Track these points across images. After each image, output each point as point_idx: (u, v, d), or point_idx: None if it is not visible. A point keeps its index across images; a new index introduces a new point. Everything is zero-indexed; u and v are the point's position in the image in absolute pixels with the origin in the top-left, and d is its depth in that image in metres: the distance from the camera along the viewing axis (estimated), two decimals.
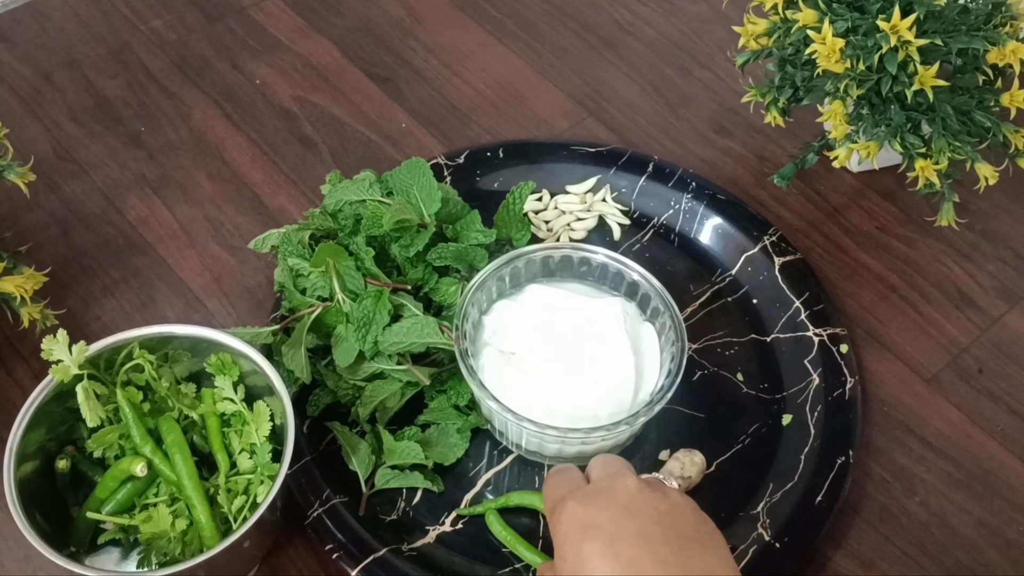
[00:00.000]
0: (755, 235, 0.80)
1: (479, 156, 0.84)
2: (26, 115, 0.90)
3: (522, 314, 0.69)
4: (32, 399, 0.61)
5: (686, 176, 0.83)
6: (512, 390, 0.66)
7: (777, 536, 0.66)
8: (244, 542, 0.58)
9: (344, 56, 0.96)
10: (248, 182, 0.86)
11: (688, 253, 0.81)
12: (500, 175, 0.84)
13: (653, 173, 0.84)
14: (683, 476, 0.67)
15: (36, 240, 0.81)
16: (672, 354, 0.68)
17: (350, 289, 0.68)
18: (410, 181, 0.72)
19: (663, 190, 0.83)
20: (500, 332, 0.69)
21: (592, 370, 0.67)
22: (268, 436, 0.64)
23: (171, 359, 0.66)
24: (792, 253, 0.79)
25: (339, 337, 0.67)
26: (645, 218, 0.83)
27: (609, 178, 0.84)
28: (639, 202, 0.84)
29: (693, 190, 0.83)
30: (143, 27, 0.98)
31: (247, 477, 0.63)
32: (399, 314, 0.68)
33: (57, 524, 0.62)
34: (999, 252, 0.84)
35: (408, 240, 0.70)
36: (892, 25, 0.68)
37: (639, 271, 0.71)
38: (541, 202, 0.84)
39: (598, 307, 0.69)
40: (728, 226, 0.81)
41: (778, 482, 0.69)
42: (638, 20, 1.01)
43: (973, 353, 0.78)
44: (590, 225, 0.82)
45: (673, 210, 0.83)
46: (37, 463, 0.62)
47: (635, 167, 0.84)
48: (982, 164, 0.74)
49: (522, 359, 0.67)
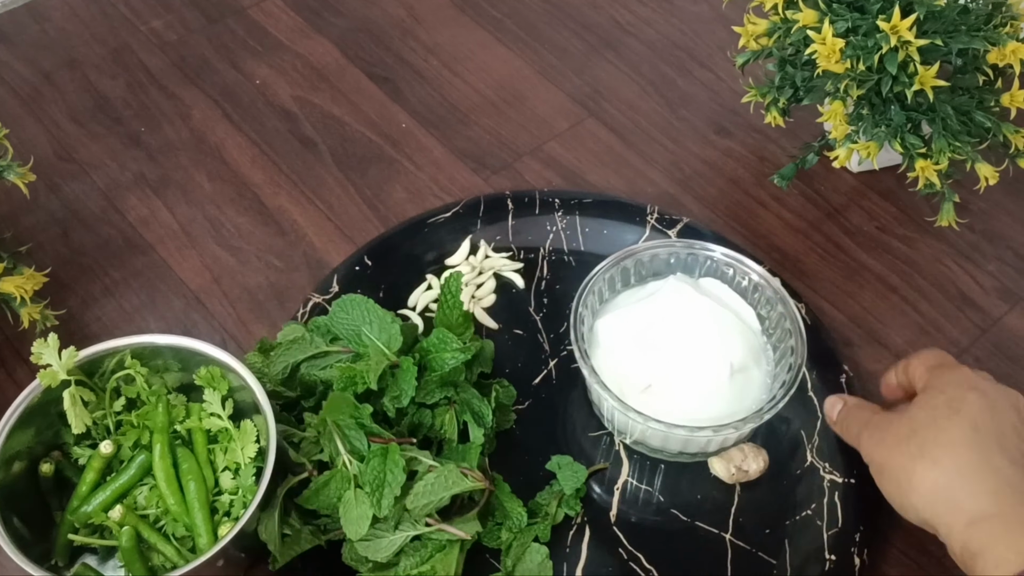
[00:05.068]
0: (637, 220, 0.81)
1: (349, 275, 0.77)
2: (26, 115, 0.90)
3: (633, 317, 0.70)
4: (18, 403, 0.61)
5: (545, 196, 0.82)
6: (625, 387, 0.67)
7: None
8: (217, 561, 0.57)
9: (344, 56, 0.96)
10: (248, 182, 0.86)
11: (588, 264, 0.73)
12: (380, 285, 0.77)
13: (515, 208, 0.81)
14: (741, 468, 0.68)
15: (36, 240, 0.81)
16: (789, 364, 0.68)
17: (356, 449, 0.62)
18: (355, 321, 0.67)
19: (533, 219, 0.81)
20: (613, 336, 0.69)
21: (694, 372, 0.67)
22: (253, 457, 0.63)
23: (162, 369, 0.66)
24: (680, 222, 0.80)
25: (348, 504, 0.60)
26: (532, 252, 0.80)
27: (479, 233, 0.80)
28: (519, 241, 0.81)
29: (560, 206, 0.82)
30: (143, 27, 0.98)
31: (230, 497, 0.63)
32: (413, 469, 0.62)
33: (39, 528, 0.61)
34: (999, 252, 0.84)
35: (396, 390, 0.64)
36: (892, 25, 0.68)
37: (759, 271, 0.72)
38: (432, 290, 0.78)
39: (704, 309, 0.69)
40: (609, 222, 0.81)
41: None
42: (638, 20, 1.01)
43: (973, 353, 0.78)
44: (492, 286, 0.78)
45: (553, 232, 0.81)
46: (22, 466, 0.62)
47: (495, 210, 0.82)
48: (982, 164, 0.74)
49: (638, 363, 0.68)
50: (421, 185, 0.86)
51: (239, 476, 0.63)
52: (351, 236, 0.82)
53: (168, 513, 0.62)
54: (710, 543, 0.67)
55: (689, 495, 0.69)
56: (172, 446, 0.63)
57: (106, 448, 0.63)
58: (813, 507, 0.68)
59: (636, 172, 0.88)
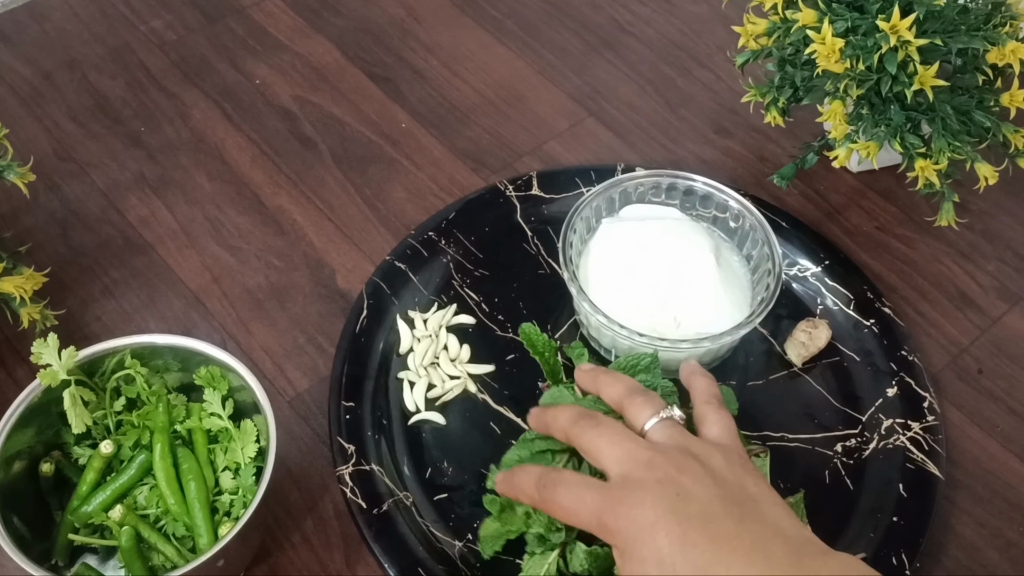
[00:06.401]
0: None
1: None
2: (26, 115, 0.90)
3: (621, 238, 0.73)
4: (18, 403, 0.61)
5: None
6: (605, 295, 0.71)
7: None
8: (218, 561, 0.57)
9: (344, 56, 0.96)
10: (248, 182, 0.86)
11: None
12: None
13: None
14: (807, 346, 0.73)
15: (36, 240, 0.81)
16: (762, 297, 0.70)
17: None
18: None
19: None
20: (606, 246, 0.73)
21: (678, 292, 0.71)
22: (253, 457, 0.63)
23: (162, 368, 0.66)
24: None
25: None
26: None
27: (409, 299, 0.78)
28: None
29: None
30: (143, 27, 0.98)
31: (230, 497, 0.63)
32: None
33: (39, 528, 0.61)
34: (999, 252, 0.84)
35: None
36: (892, 25, 0.68)
37: (739, 200, 0.75)
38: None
39: (694, 236, 0.73)
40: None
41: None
42: (638, 20, 1.01)
43: (973, 353, 0.78)
44: (454, 340, 0.76)
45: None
46: (22, 466, 0.62)
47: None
48: (982, 164, 0.74)
49: (618, 270, 0.71)
50: (421, 185, 0.86)
51: (239, 476, 0.63)
52: (351, 236, 0.82)
53: (168, 513, 0.62)
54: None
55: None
56: (172, 446, 0.63)
57: (106, 448, 0.63)
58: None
59: None
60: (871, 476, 0.69)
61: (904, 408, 0.72)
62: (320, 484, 0.69)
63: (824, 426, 0.72)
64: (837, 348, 0.76)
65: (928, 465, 0.69)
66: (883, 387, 0.73)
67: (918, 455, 0.70)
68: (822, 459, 0.70)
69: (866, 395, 0.73)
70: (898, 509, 0.67)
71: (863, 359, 0.75)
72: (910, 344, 0.75)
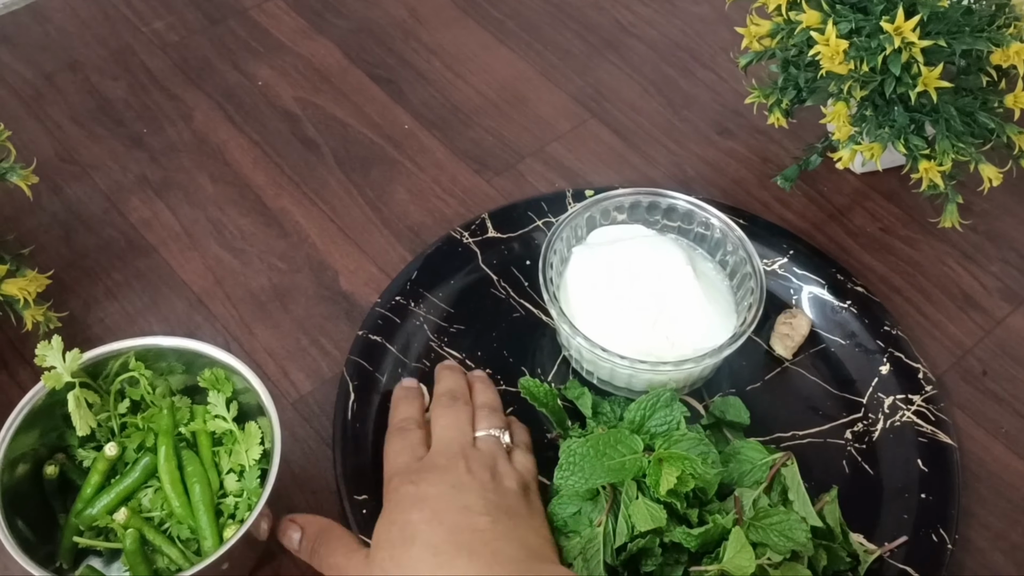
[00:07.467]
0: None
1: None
2: (28, 117, 0.90)
3: (597, 264, 0.72)
4: (22, 405, 0.61)
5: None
6: (595, 326, 0.70)
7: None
8: (223, 563, 0.57)
9: (346, 57, 0.96)
10: (251, 184, 0.86)
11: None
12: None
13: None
14: (792, 336, 0.73)
15: (39, 242, 0.81)
16: (750, 303, 0.70)
17: None
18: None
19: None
20: (583, 275, 0.72)
21: (666, 310, 0.70)
22: (258, 459, 0.63)
23: (166, 371, 0.65)
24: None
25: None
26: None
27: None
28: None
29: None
30: (145, 29, 0.98)
31: (235, 500, 0.62)
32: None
33: (43, 531, 0.61)
34: (1003, 253, 0.84)
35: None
36: (896, 27, 0.68)
37: (721, 218, 0.74)
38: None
39: (670, 251, 0.73)
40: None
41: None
42: (640, 21, 1.01)
43: (977, 355, 0.78)
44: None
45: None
46: (27, 468, 0.62)
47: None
48: (986, 165, 0.74)
49: (603, 298, 0.71)
50: (423, 186, 0.86)
51: (244, 478, 0.63)
52: (353, 238, 0.82)
53: (173, 515, 0.62)
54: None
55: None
56: (177, 448, 0.63)
57: (111, 450, 0.62)
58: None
59: (638, 173, 0.88)
60: (888, 457, 0.70)
61: (901, 383, 0.73)
62: (324, 486, 0.69)
63: (829, 416, 0.73)
64: (820, 335, 0.76)
65: (939, 435, 0.70)
66: (876, 366, 0.74)
67: (927, 427, 0.70)
68: (836, 450, 0.71)
69: (861, 376, 0.74)
70: (923, 485, 0.68)
71: (850, 341, 0.76)
72: (891, 319, 0.76)
